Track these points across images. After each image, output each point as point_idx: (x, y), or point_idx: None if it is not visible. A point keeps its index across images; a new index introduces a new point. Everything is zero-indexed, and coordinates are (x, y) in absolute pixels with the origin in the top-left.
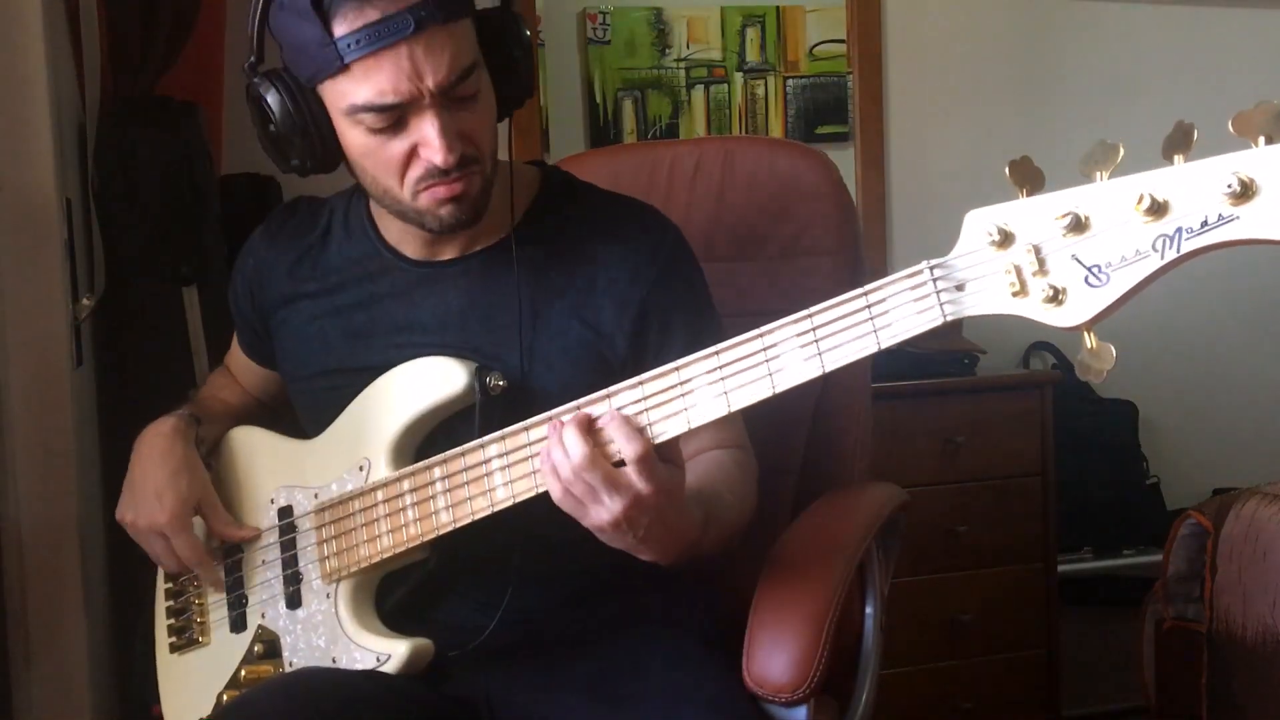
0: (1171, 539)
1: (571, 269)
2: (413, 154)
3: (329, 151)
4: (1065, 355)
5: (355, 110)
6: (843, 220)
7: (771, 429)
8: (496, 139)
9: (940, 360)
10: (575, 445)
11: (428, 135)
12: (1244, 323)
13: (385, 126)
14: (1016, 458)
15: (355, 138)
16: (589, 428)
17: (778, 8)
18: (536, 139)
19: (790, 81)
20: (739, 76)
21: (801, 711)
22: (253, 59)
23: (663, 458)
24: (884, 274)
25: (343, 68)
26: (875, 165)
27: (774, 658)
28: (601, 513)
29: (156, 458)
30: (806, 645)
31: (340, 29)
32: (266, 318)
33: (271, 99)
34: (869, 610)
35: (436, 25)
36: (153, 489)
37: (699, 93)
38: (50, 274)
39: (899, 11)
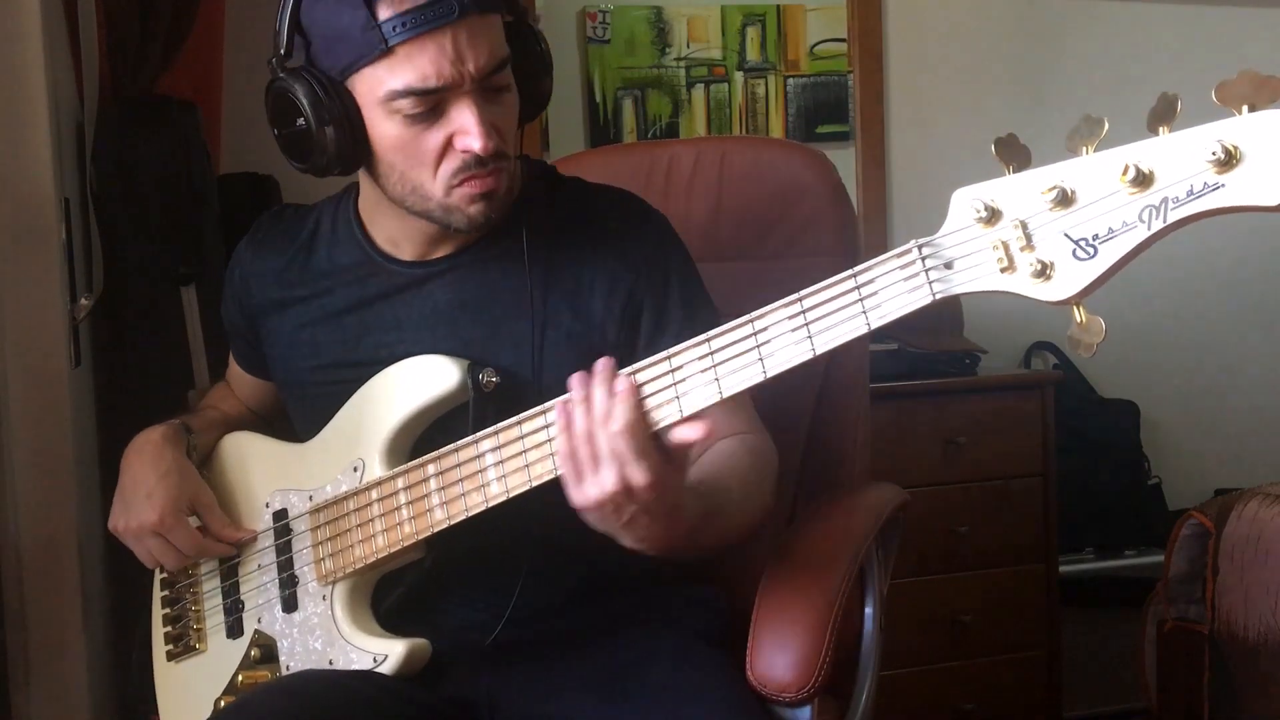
0: (1173, 539)
1: (559, 260)
2: (448, 146)
3: (358, 147)
4: (1067, 355)
5: (394, 96)
6: (841, 220)
7: (771, 429)
8: (517, 143)
9: (941, 360)
10: (602, 402)
11: (466, 123)
12: (1246, 323)
13: (422, 113)
14: (1017, 458)
15: (389, 129)
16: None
17: (778, 7)
18: (536, 138)
19: (791, 81)
20: (739, 76)
21: (806, 711)
22: (282, 52)
23: (666, 447)
24: None
25: (385, 52)
26: (876, 165)
27: (778, 657)
28: (591, 488)
29: (146, 463)
30: (810, 645)
31: (385, 12)
32: (256, 326)
33: (302, 91)
34: (868, 610)
35: (477, 14)
36: (144, 491)
37: (699, 92)
38: (48, 274)
39: (900, 11)
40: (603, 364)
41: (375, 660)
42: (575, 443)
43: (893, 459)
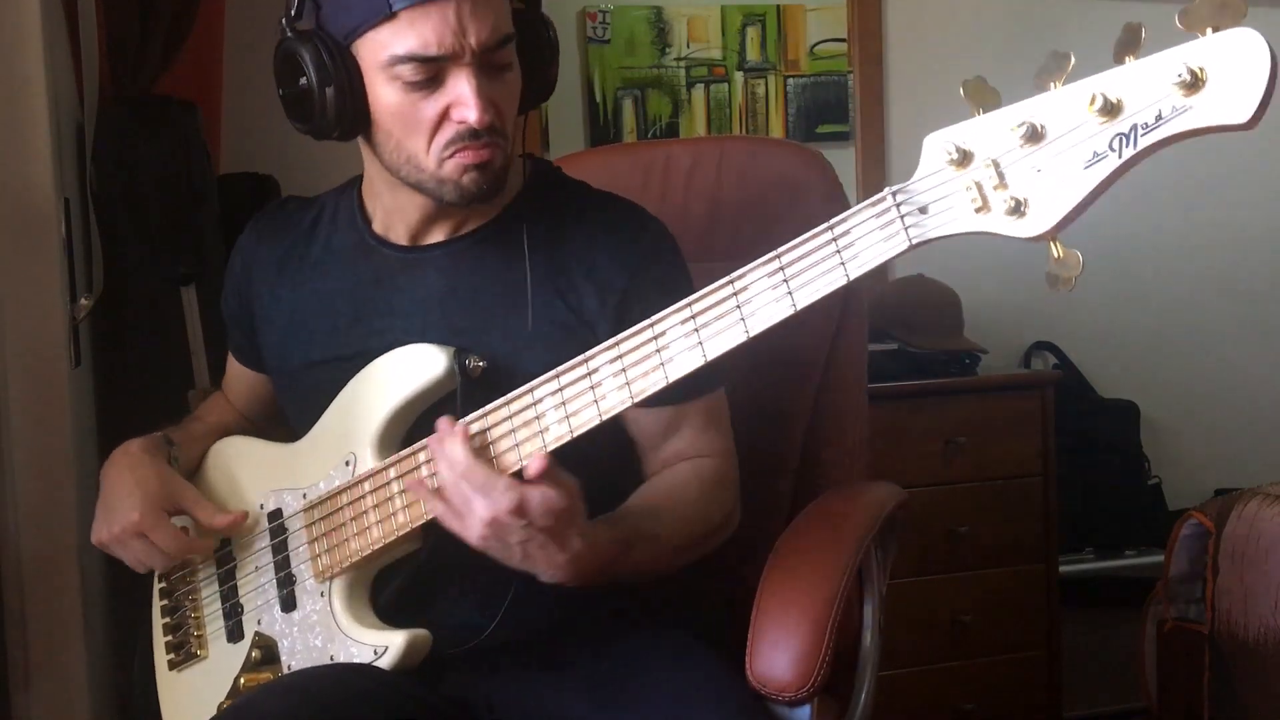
0: (1173, 539)
1: (558, 254)
2: (444, 117)
3: (357, 110)
4: (1067, 355)
5: (395, 61)
6: None
7: (769, 428)
8: (515, 123)
9: (941, 360)
10: (456, 453)
11: (463, 94)
12: (1246, 323)
13: (422, 81)
14: (1017, 458)
15: (388, 95)
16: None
17: (778, 7)
18: (536, 138)
19: (791, 81)
20: (739, 76)
21: (805, 711)
22: (292, 14)
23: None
24: (884, 273)
25: (389, 16)
26: (876, 165)
27: (777, 657)
28: (472, 523)
29: (124, 471)
30: (809, 644)
31: None
32: (253, 313)
33: (307, 52)
34: (867, 610)
35: None
36: (124, 494)
37: (699, 92)
38: (49, 274)
39: (900, 10)
40: (443, 422)
41: (375, 653)
42: (445, 494)
43: (893, 459)
